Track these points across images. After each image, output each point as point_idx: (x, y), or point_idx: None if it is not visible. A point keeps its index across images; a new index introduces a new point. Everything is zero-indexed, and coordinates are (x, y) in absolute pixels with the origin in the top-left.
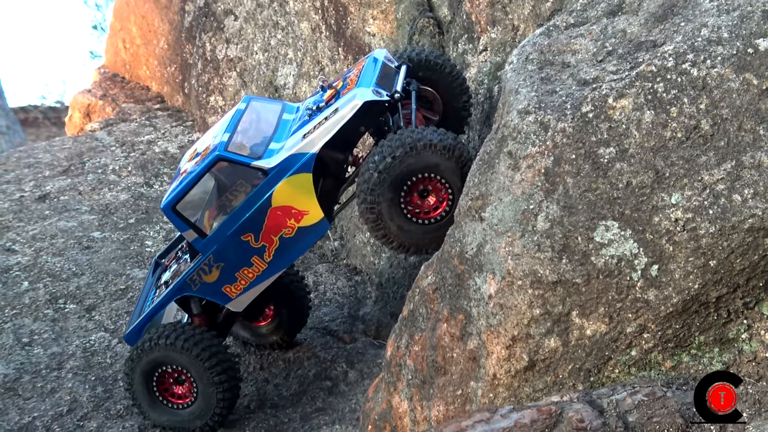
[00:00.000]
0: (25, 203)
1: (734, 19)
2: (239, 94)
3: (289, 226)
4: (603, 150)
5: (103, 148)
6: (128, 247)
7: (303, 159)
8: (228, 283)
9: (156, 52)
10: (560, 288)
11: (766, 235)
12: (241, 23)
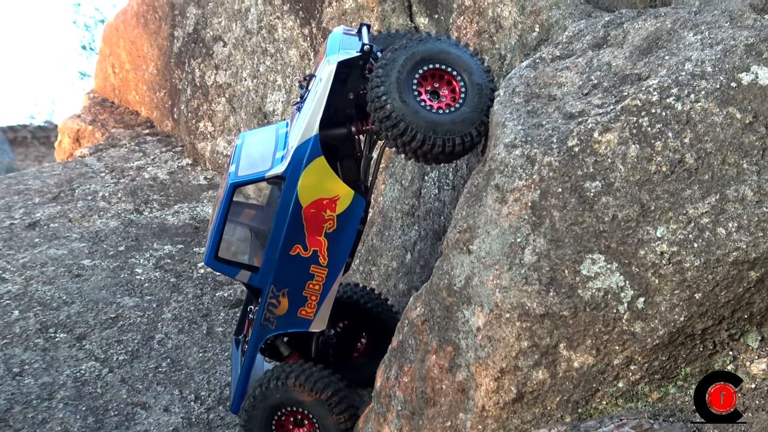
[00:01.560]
0: (15, 231)
1: (717, 53)
2: (228, 120)
3: (328, 218)
4: (589, 184)
5: (92, 174)
6: (118, 275)
7: (308, 146)
8: (300, 306)
9: (145, 77)
10: (548, 320)
11: (751, 267)
12: (230, 49)
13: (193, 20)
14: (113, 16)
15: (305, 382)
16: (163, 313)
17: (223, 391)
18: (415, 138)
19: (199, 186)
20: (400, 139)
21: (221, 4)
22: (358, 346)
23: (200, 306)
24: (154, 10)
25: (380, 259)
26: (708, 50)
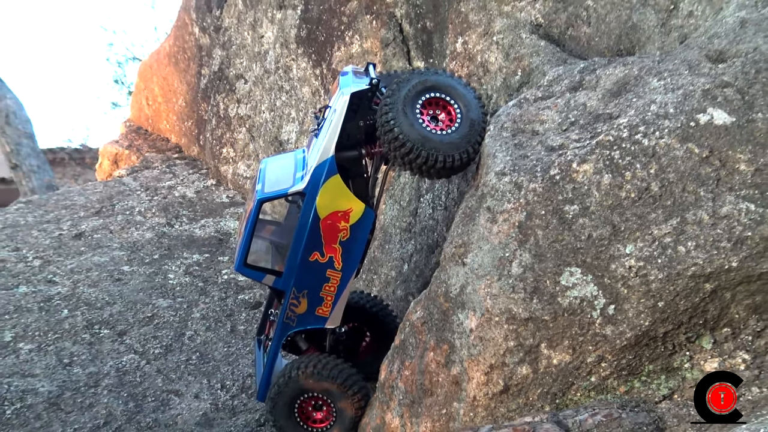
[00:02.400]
0: (64, 240)
1: (678, 96)
2: (248, 147)
3: (342, 228)
4: (568, 207)
5: (129, 192)
6: (153, 279)
7: (326, 165)
8: (318, 305)
9: (175, 108)
10: (531, 324)
11: (706, 281)
12: (250, 86)
13: (218, 60)
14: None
15: (323, 369)
16: (193, 313)
17: (246, 381)
18: (419, 156)
19: (222, 203)
20: (407, 158)
21: (243, 47)
22: (363, 345)
23: (224, 307)
24: (184, 51)
25: (381, 269)
26: (670, 94)
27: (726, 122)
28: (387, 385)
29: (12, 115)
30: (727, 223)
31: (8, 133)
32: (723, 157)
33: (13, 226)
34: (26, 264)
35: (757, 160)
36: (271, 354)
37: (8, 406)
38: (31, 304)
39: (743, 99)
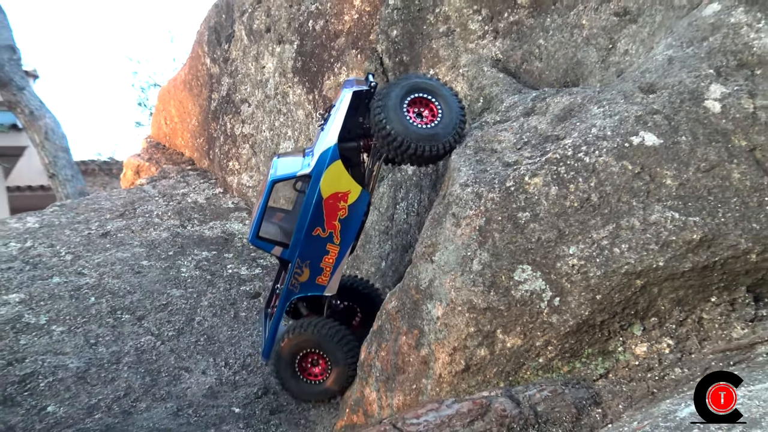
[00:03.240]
0: (92, 238)
1: (615, 121)
2: (250, 161)
3: (341, 207)
4: (521, 214)
5: (149, 198)
6: (168, 272)
7: (329, 152)
8: (318, 275)
9: (189, 127)
10: (489, 313)
11: (637, 277)
12: (253, 109)
13: (226, 87)
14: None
15: (320, 328)
16: (201, 301)
17: (246, 360)
18: (408, 147)
19: (228, 209)
20: (398, 150)
21: (247, 76)
22: (355, 321)
23: (228, 297)
24: (197, 78)
25: (362, 266)
26: (608, 119)
27: (655, 144)
28: (366, 364)
29: (50, 132)
30: (655, 229)
31: (47, 147)
32: (652, 173)
33: (49, 226)
34: (59, 258)
35: (681, 176)
36: (276, 317)
37: (42, 379)
38: (63, 292)
39: (670, 124)
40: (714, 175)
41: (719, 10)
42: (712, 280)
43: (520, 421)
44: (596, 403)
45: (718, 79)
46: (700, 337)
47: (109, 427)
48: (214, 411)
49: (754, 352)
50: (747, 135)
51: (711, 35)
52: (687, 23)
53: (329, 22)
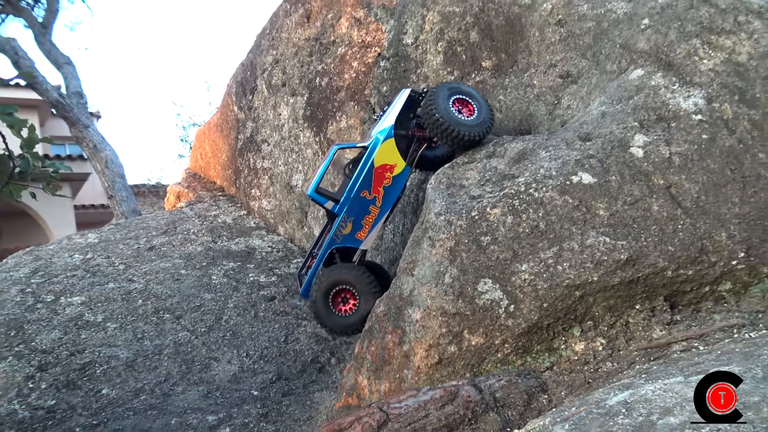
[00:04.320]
0: (140, 251)
1: (559, 163)
2: (269, 190)
3: (387, 177)
4: (484, 238)
5: (187, 218)
6: (201, 280)
7: (386, 131)
8: (358, 230)
9: (220, 161)
10: (458, 317)
11: (576, 289)
12: (271, 148)
13: (250, 130)
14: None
15: (353, 270)
16: (228, 304)
17: (263, 351)
18: (453, 131)
19: (250, 227)
20: (445, 133)
21: (267, 121)
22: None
23: (250, 300)
24: (227, 122)
25: None
26: (553, 162)
27: (591, 182)
28: (359, 357)
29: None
30: (590, 250)
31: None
32: (588, 206)
33: (106, 241)
34: (114, 268)
35: (611, 208)
36: (318, 260)
37: (98, 367)
38: (116, 295)
39: (602, 166)
40: (637, 207)
41: (642, 75)
42: (637, 291)
43: (482, 405)
44: (543, 391)
45: (641, 130)
46: (627, 337)
47: (152, 406)
48: (237, 393)
49: (670, 350)
50: (664, 175)
51: (636, 95)
52: (617, 85)
53: (332, 79)
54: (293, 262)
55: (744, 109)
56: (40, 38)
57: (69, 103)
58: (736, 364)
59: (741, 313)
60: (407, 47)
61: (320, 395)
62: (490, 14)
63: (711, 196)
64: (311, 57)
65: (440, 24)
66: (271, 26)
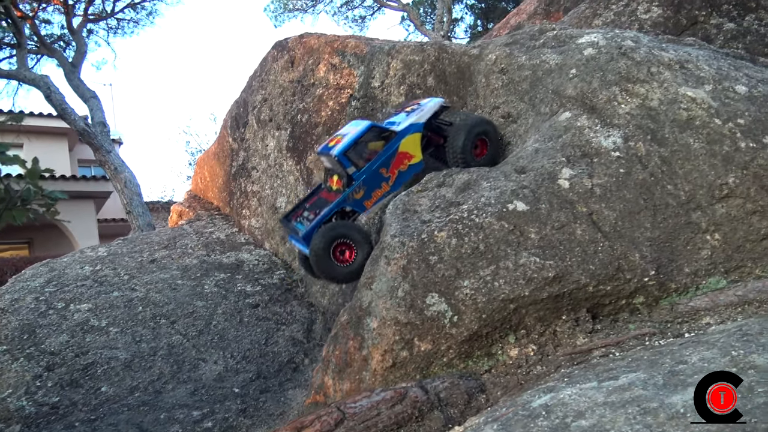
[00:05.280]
0: (143, 264)
1: (497, 193)
2: (257, 210)
3: (404, 164)
4: (431, 257)
5: (186, 234)
6: (195, 289)
7: (418, 126)
8: (367, 199)
9: (217, 185)
10: (409, 326)
11: (510, 303)
12: (260, 174)
13: (242, 158)
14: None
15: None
16: (217, 310)
17: (246, 353)
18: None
19: (240, 243)
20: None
21: (256, 151)
22: None
23: (237, 307)
24: (223, 151)
25: (330, 286)
26: (493, 191)
27: (524, 209)
28: (326, 359)
29: (128, 182)
30: (522, 269)
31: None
32: (521, 230)
33: (114, 254)
34: (119, 278)
35: (541, 232)
36: (325, 214)
37: (99, 367)
38: (119, 303)
39: (534, 195)
40: (564, 231)
41: (570, 117)
42: (563, 304)
43: (427, 404)
44: (482, 391)
45: (568, 164)
46: (555, 344)
47: (145, 402)
48: (221, 391)
49: (591, 355)
50: (586, 204)
51: (564, 134)
52: (549, 125)
53: (311, 116)
54: (276, 274)
55: (655, 147)
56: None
57: (94, 131)
58: (642, 371)
59: (652, 323)
60: (374, 89)
61: (293, 392)
62: (444, 63)
63: (626, 221)
64: (294, 96)
65: (402, 70)
66: (260, 69)
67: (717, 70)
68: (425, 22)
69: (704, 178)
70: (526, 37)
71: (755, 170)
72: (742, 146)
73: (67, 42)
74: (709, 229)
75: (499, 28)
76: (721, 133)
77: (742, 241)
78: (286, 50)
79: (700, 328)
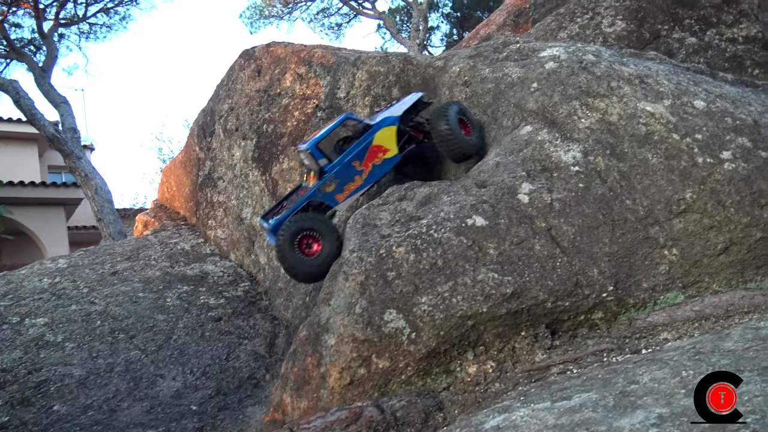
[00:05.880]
0: (104, 276)
1: (456, 208)
2: (223, 221)
3: (379, 157)
4: (390, 273)
5: (151, 245)
6: (157, 302)
7: (393, 118)
8: (339, 192)
9: (183, 194)
10: (366, 343)
11: (468, 319)
12: (226, 184)
13: (208, 168)
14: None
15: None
16: (178, 324)
17: (206, 369)
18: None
19: (206, 254)
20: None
21: (222, 160)
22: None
23: (199, 320)
24: (189, 161)
25: (294, 299)
26: (453, 206)
27: (483, 224)
28: (284, 376)
29: (99, 189)
30: (481, 285)
31: (96, 200)
32: (480, 245)
33: (74, 266)
34: (78, 291)
35: (500, 247)
36: (296, 207)
37: (52, 384)
38: (77, 317)
39: (493, 210)
40: (522, 246)
41: (531, 131)
42: (522, 320)
43: (383, 424)
44: (440, 409)
45: (528, 178)
46: (514, 360)
47: (98, 421)
48: (178, 409)
49: (549, 372)
50: (545, 219)
51: (525, 148)
52: (510, 139)
53: (277, 126)
54: (241, 286)
55: (614, 162)
56: (40, 80)
57: (64, 137)
58: (594, 391)
59: (611, 338)
60: (340, 100)
61: (252, 409)
62: (409, 74)
63: (585, 237)
64: (260, 106)
65: (368, 81)
66: (228, 78)
67: (676, 84)
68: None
69: (662, 193)
70: (489, 49)
71: (712, 185)
72: (699, 161)
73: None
74: (667, 244)
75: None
76: (679, 148)
77: (699, 256)
78: (253, 59)
79: (658, 343)
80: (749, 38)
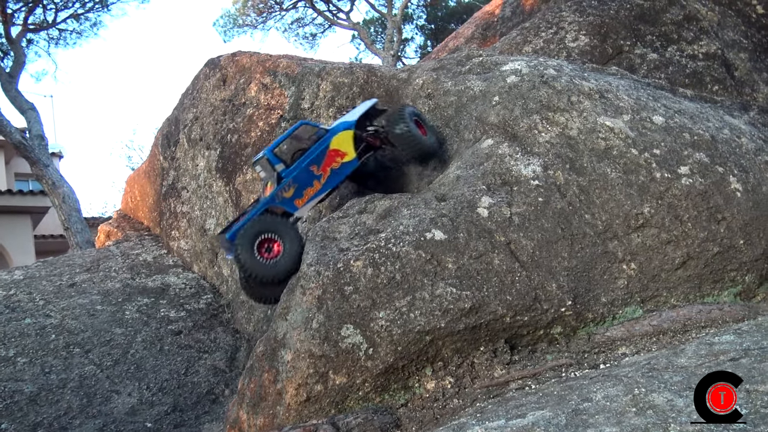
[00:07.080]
0: (62, 288)
1: (416, 221)
2: (186, 231)
3: (337, 161)
4: (347, 287)
5: (112, 256)
6: (115, 315)
7: (348, 123)
8: (298, 197)
9: (147, 204)
10: (323, 359)
11: (426, 334)
12: (190, 195)
13: (172, 177)
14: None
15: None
16: (137, 338)
17: (163, 384)
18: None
19: (168, 265)
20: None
21: (186, 170)
22: None
23: (158, 334)
24: (153, 170)
25: (255, 312)
26: (412, 219)
27: (442, 238)
28: (241, 392)
29: (66, 197)
30: (439, 300)
31: (63, 208)
32: (439, 259)
33: (31, 278)
34: (34, 303)
35: (458, 261)
36: (254, 212)
37: (1, 401)
38: (31, 330)
39: (453, 224)
40: (481, 261)
41: (492, 144)
42: (480, 335)
43: None
44: (397, 426)
45: (488, 192)
46: (472, 376)
47: None
48: (132, 426)
49: (507, 388)
50: (505, 233)
51: (485, 161)
52: (471, 152)
53: (241, 136)
54: (203, 298)
55: (574, 176)
56: (7, 86)
57: (31, 144)
58: (549, 409)
59: (570, 353)
60: (304, 111)
61: (210, 426)
62: (373, 86)
63: (544, 251)
64: (225, 116)
65: (332, 92)
66: (193, 87)
67: (636, 100)
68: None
69: (621, 208)
70: (453, 62)
71: (670, 200)
72: (657, 176)
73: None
74: (626, 258)
75: (438, 51)
76: (638, 163)
77: (657, 271)
78: (218, 68)
79: (616, 358)
80: (709, 55)
